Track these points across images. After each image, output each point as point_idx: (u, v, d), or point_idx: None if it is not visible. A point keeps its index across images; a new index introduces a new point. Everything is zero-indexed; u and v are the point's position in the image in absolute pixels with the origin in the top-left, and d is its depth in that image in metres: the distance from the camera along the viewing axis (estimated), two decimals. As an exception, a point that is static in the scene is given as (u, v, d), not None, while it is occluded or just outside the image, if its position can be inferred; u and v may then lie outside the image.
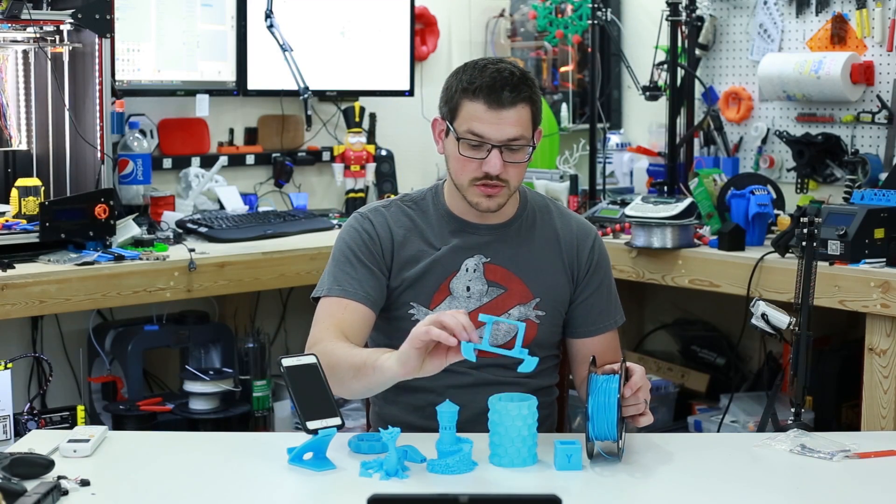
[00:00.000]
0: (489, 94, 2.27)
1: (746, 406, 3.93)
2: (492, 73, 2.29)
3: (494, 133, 2.28)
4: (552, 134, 4.54)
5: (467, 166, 2.32)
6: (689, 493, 1.96)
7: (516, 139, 2.29)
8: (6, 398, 2.30)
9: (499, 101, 2.27)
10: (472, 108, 2.29)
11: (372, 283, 2.35)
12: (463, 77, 2.32)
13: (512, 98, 2.27)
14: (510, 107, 2.27)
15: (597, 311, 2.45)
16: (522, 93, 2.29)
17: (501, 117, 2.28)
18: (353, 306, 2.33)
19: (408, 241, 2.40)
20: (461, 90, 2.31)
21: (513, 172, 2.32)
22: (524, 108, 2.29)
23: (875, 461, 2.08)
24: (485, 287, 2.39)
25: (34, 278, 3.07)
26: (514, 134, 2.28)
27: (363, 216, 2.43)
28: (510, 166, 2.31)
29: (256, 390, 3.73)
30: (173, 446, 2.24)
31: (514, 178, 2.34)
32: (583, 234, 2.47)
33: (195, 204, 3.96)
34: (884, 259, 3.18)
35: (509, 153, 2.30)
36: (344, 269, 2.36)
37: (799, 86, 3.95)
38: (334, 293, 2.34)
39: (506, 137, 2.28)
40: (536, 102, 2.33)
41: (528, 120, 2.31)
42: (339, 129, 4.42)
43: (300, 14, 4.15)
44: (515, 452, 2.02)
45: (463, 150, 2.31)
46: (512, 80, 2.28)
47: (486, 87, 2.27)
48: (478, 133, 2.29)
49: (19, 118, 3.53)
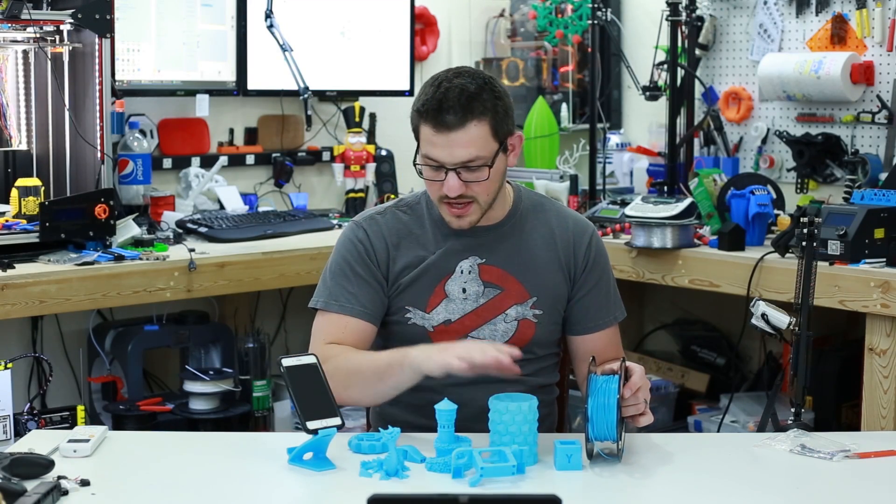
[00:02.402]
0: (435, 118, 2.24)
1: (746, 406, 3.93)
2: (440, 94, 2.23)
3: (446, 157, 2.25)
4: (552, 134, 4.55)
5: (432, 187, 2.32)
6: (689, 493, 1.96)
7: (469, 161, 2.25)
8: (6, 398, 2.30)
9: (444, 124, 2.23)
10: (425, 130, 2.27)
11: (370, 296, 2.36)
12: (420, 95, 2.29)
13: (458, 119, 2.23)
14: (458, 128, 2.23)
15: (596, 307, 2.45)
16: (469, 112, 2.23)
17: (450, 140, 2.24)
18: (353, 323, 2.34)
19: (402, 246, 2.40)
20: (416, 111, 2.29)
21: (478, 189, 2.29)
22: (476, 126, 2.24)
23: (875, 461, 2.08)
24: (481, 288, 2.39)
25: (34, 278, 3.07)
26: (465, 157, 2.25)
27: (357, 225, 2.43)
28: (472, 184, 2.28)
29: (256, 390, 3.73)
30: (173, 446, 2.24)
31: (482, 194, 2.31)
32: (579, 231, 2.46)
33: (195, 204, 3.96)
34: (884, 259, 3.18)
35: (468, 173, 2.27)
36: (340, 283, 2.37)
37: (799, 86, 3.95)
38: (332, 309, 2.36)
39: (458, 160, 2.25)
40: (496, 112, 2.25)
41: (483, 136, 2.25)
42: (339, 129, 4.42)
43: (300, 14, 4.15)
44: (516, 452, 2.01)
45: (424, 173, 2.31)
46: (460, 101, 2.22)
47: (432, 110, 2.24)
48: (431, 157, 2.27)
49: (19, 118, 3.53)
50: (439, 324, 2.38)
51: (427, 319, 2.38)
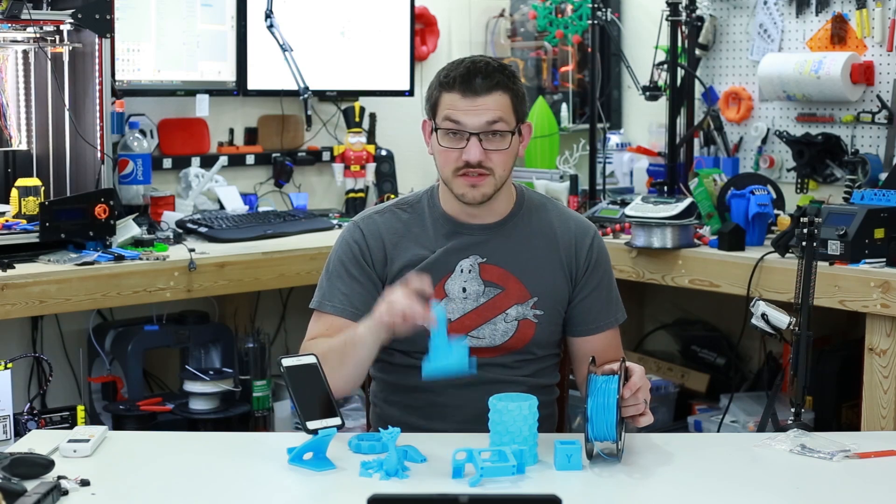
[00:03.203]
0: (463, 83, 2.29)
1: (746, 406, 3.93)
2: (466, 65, 2.32)
3: (471, 119, 2.29)
4: (552, 134, 4.55)
5: (449, 157, 2.33)
6: (689, 493, 1.96)
7: (494, 122, 2.29)
8: (6, 398, 2.30)
9: (473, 89, 2.29)
10: (449, 98, 2.31)
11: (362, 297, 2.37)
12: (440, 73, 2.35)
13: (486, 84, 2.29)
14: (485, 93, 2.29)
15: (596, 309, 2.45)
16: (497, 80, 2.30)
17: (477, 104, 2.29)
18: (343, 324, 2.36)
19: (401, 246, 2.41)
20: (438, 85, 2.34)
21: (497, 159, 2.32)
22: (501, 96, 2.30)
23: (875, 461, 2.08)
24: (481, 287, 2.39)
25: (34, 278, 3.07)
26: (491, 117, 2.29)
27: (355, 225, 2.45)
28: (492, 153, 2.31)
29: (256, 390, 3.73)
30: (173, 446, 2.24)
31: (500, 166, 2.33)
32: (581, 233, 2.46)
33: (195, 204, 3.96)
34: (884, 259, 3.18)
35: (489, 140, 2.30)
36: (334, 284, 2.40)
37: (799, 86, 3.95)
38: (325, 309, 2.39)
39: (483, 122, 2.29)
40: (516, 92, 2.33)
41: (506, 106, 2.31)
42: (339, 129, 4.42)
43: (300, 14, 4.15)
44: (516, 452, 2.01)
45: (442, 141, 2.32)
46: (487, 69, 2.30)
47: (460, 77, 2.30)
48: (454, 119, 2.30)
49: (19, 118, 3.53)
50: (439, 323, 2.38)
51: (426, 319, 2.38)
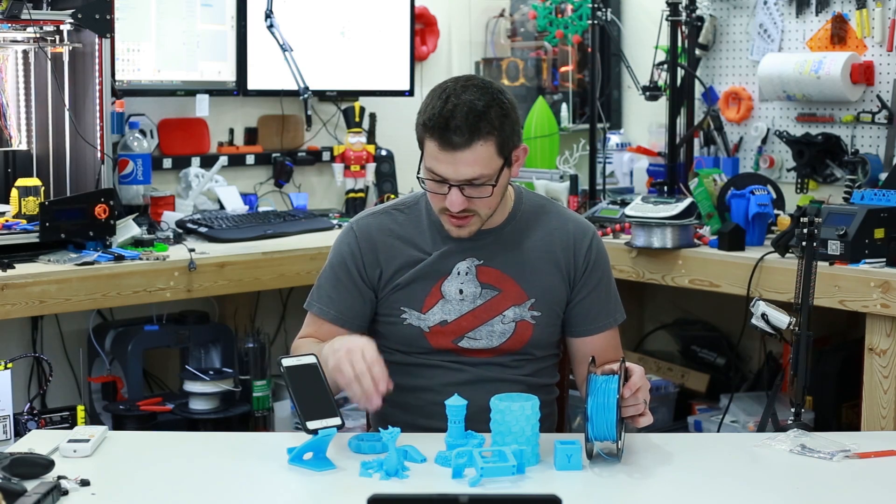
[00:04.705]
0: (441, 136, 2.22)
1: (746, 406, 3.93)
2: (448, 112, 2.21)
3: (451, 173, 2.25)
4: (552, 134, 4.55)
5: (434, 199, 2.33)
6: (688, 493, 1.96)
7: (474, 178, 2.25)
8: (6, 398, 2.30)
9: (450, 144, 2.22)
10: (430, 146, 2.26)
11: (347, 302, 2.40)
12: (427, 107, 2.27)
13: (464, 140, 2.21)
14: (464, 148, 2.22)
15: (595, 309, 2.45)
16: (476, 133, 2.21)
17: (456, 158, 2.23)
18: (326, 327, 2.40)
19: (396, 248, 2.41)
20: (422, 124, 2.27)
21: (480, 203, 2.30)
22: (482, 146, 2.23)
23: (875, 461, 2.08)
24: (478, 289, 2.39)
25: (34, 278, 3.07)
26: (470, 175, 2.24)
27: (349, 228, 2.46)
28: (475, 199, 2.28)
29: (256, 390, 3.73)
30: (173, 446, 2.24)
31: (484, 207, 2.31)
32: (580, 234, 2.46)
33: (195, 204, 3.96)
34: (884, 259, 3.18)
35: (471, 189, 2.27)
36: (323, 286, 2.44)
37: (799, 86, 3.95)
38: (312, 310, 2.44)
39: (462, 178, 2.25)
40: (501, 132, 2.24)
41: (487, 156, 2.24)
42: (339, 129, 4.42)
43: (300, 14, 4.15)
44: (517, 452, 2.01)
45: (427, 185, 2.31)
46: (467, 120, 2.20)
47: (438, 128, 2.22)
48: (436, 172, 2.27)
49: (19, 118, 3.53)
50: (435, 324, 2.38)
51: (423, 320, 2.38)
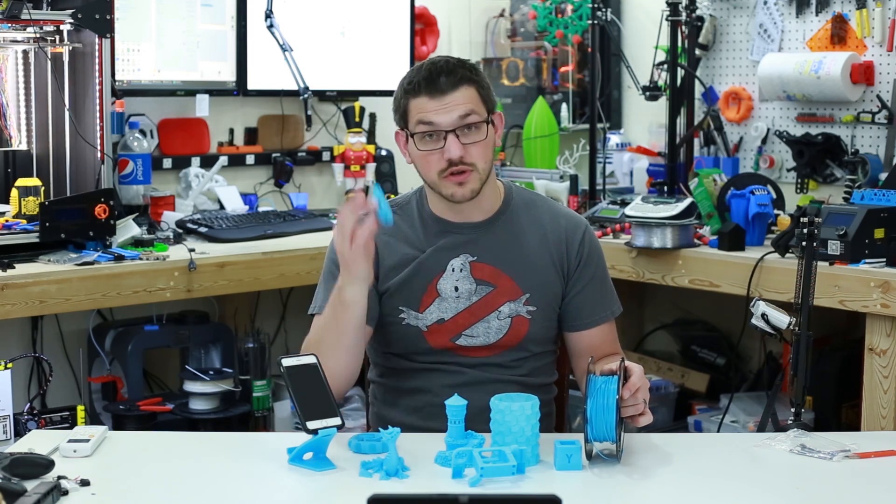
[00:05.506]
0: (428, 85, 2.31)
1: (746, 406, 3.93)
2: (427, 67, 2.34)
3: (443, 118, 2.30)
4: (552, 134, 4.54)
5: (430, 160, 2.34)
6: (688, 493, 1.96)
7: (467, 115, 2.30)
8: (6, 398, 2.30)
9: (439, 88, 2.30)
10: (417, 103, 2.32)
11: None
12: (403, 82, 2.37)
13: (451, 81, 2.31)
14: (452, 90, 2.30)
15: (591, 303, 2.45)
16: (460, 74, 2.32)
17: (446, 102, 2.30)
18: None
19: (391, 247, 2.41)
20: (403, 93, 2.35)
21: (476, 153, 2.32)
22: (468, 89, 2.32)
23: (875, 461, 2.08)
24: (473, 286, 2.39)
25: (34, 278, 3.07)
26: (463, 111, 2.30)
27: None
28: (471, 147, 2.32)
29: (256, 390, 3.73)
30: (173, 446, 2.24)
31: (481, 159, 2.34)
32: (572, 228, 2.46)
33: (195, 204, 3.96)
34: (884, 259, 3.18)
35: (466, 135, 2.31)
36: (323, 288, 2.42)
37: (799, 86, 3.95)
38: (316, 312, 2.41)
39: (456, 117, 2.30)
40: (481, 83, 2.36)
41: (475, 98, 2.33)
42: (339, 129, 4.42)
43: (300, 14, 4.15)
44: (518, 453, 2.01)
45: (420, 145, 2.33)
46: (448, 67, 2.33)
47: (423, 80, 2.32)
48: (427, 121, 2.31)
49: (19, 118, 3.53)
50: (433, 323, 2.39)
51: (420, 319, 2.39)
